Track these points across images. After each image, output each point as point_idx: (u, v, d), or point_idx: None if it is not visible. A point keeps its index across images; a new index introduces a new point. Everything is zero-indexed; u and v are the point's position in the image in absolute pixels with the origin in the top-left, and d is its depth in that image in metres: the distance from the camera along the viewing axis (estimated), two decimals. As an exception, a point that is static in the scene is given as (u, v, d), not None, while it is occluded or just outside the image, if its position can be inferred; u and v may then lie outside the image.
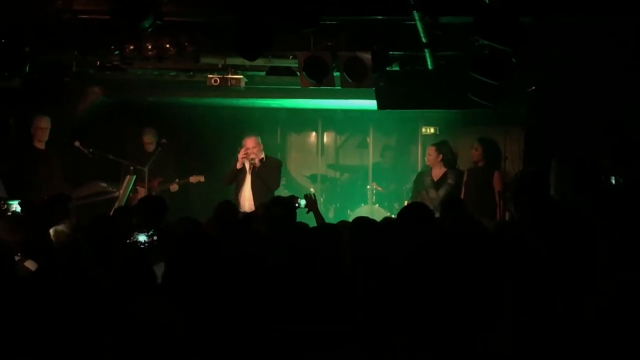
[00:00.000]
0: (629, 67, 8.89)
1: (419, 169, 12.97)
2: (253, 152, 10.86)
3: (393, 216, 12.08)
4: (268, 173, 10.92)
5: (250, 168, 10.90)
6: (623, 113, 9.33)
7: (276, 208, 6.70)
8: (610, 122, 9.18)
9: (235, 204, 10.65)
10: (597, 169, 7.76)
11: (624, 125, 9.08)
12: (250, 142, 10.93)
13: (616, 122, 9.17)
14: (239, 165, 10.93)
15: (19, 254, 5.63)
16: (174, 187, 12.33)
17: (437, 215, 9.56)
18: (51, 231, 5.98)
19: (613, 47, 8.69)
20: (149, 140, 12.51)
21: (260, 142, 11.04)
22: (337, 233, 5.24)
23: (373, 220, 6.11)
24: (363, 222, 6.00)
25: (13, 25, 8.46)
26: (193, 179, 12.41)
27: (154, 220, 7.11)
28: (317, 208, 7.77)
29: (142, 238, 6.55)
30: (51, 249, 5.39)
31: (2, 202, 8.71)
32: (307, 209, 8.02)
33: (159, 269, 4.48)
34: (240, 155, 10.92)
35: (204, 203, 10.77)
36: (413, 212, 6.06)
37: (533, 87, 10.08)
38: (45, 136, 10.86)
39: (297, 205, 7.80)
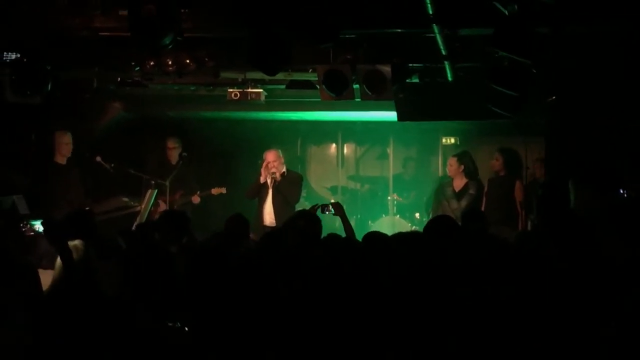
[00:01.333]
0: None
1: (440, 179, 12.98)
2: (274, 166, 10.87)
3: (414, 227, 12.12)
4: (288, 187, 10.94)
5: (272, 182, 10.91)
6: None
7: (301, 221, 6.71)
8: (632, 132, 9.16)
9: (258, 217, 10.72)
10: (616, 181, 7.74)
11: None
12: (271, 156, 10.95)
13: (638, 131, 9.15)
14: (262, 180, 10.94)
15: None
16: (196, 199, 12.35)
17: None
18: None
19: (631, 55, 8.68)
20: (173, 146, 12.50)
21: (281, 155, 11.06)
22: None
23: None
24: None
25: (34, 43, 8.54)
26: (215, 191, 12.42)
27: (177, 235, 7.14)
28: (345, 214, 7.77)
29: (37, 226, 6.53)
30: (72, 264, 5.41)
31: (25, 222, 8.81)
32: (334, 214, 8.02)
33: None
34: (263, 169, 10.94)
35: (225, 215, 10.74)
36: (439, 226, 6.04)
37: (553, 97, 10.06)
38: (67, 151, 10.94)
39: (329, 210, 7.82)
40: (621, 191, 7.44)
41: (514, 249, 5.71)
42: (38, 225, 7.27)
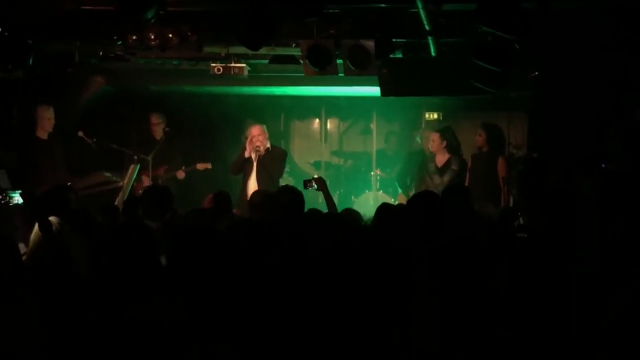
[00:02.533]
0: (633, 52, 8.89)
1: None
2: (259, 140, 10.84)
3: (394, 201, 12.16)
4: (272, 162, 10.92)
5: (256, 157, 10.89)
6: (628, 98, 9.34)
7: (285, 196, 6.70)
8: (615, 106, 9.19)
9: (242, 193, 10.72)
10: (598, 156, 7.78)
11: (632, 111, 9.10)
12: (255, 130, 10.91)
13: (621, 106, 9.19)
14: (247, 154, 10.92)
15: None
16: (181, 175, 12.32)
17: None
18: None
19: (617, 32, 8.70)
20: (157, 121, 12.43)
21: (266, 130, 11.04)
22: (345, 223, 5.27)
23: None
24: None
25: (15, 17, 8.48)
26: (200, 166, 12.40)
27: (160, 211, 7.13)
28: (327, 189, 7.77)
29: (15, 198, 6.48)
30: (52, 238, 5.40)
31: (4, 194, 8.77)
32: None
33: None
34: (248, 143, 10.92)
35: (210, 191, 10.73)
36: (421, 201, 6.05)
37: (536, 73, 10.09)
38: (49, 126, 10.86)
39: (312, 186, 7.82)
40: (603, 165, 7.48)
41: (496, 225, 5.76)
42: (17, 198, 7.23)
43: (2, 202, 8.78)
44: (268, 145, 11.00)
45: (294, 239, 5.19)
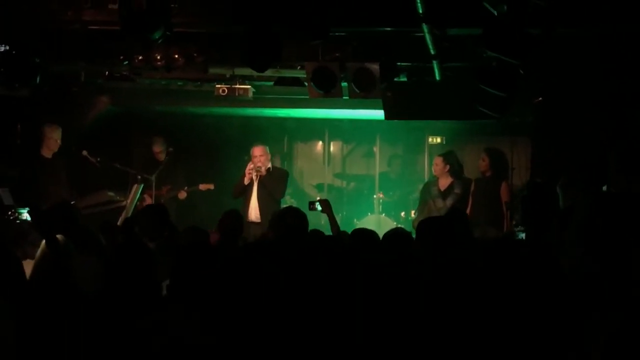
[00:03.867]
0: (636, 77, 8.93)
1: (426, 178, 13.04)
2: (260, 161, 10.86)
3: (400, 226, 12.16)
4: (273, 182, 10.92)
5: (257, 177, 10.90)
6: (629, 122, 9.37)
7: (289, 217, 6.70)
8: (617, 131, 9.22)
9: (243, 213, 10.71)
10: (601, 179, 7.81)
11: (631, 134, 9.12)
12: (257, 151, 10.93)
13: (622, 131, 9.21)
14: (246, 181, 10.91)
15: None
16: (182, 195, 12.36)
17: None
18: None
19: (619, 57, 8.74)
20: (159, 149, 12.54)
21: (268, 151, 11.06)
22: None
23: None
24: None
25: (24, 36, 8.53)
26: (203, 187, 12.45)
27: (156, 228, 7.15)
28: (332, 212, 7.79)
29: (24, 214, 6.47)
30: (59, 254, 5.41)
31: (13, 210, 8.80)
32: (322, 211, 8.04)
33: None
34: (248, 170, 10.92)
35: (211, 211, 10.79)
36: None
37: (540, 98, 10.12)
38: (55, 147, 10.88)
39: (315, 208, 7.85)
40: (604, 188, 7.50)
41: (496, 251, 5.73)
42: (25, 214, 7.25)
43: (11, 217, 8.81)
44: (269, 165, 11.01)
45: (298, 259, 5.19)
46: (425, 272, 4.34)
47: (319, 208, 7.88)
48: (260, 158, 10.89)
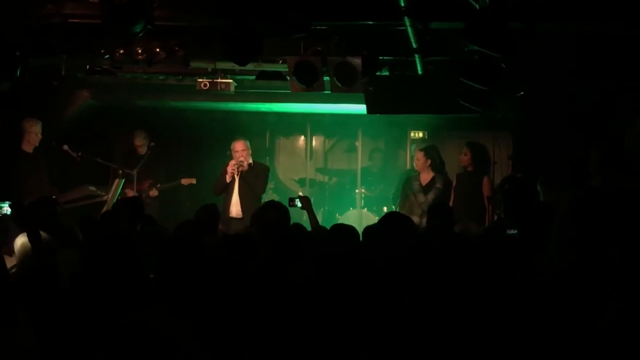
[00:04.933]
0: (617, 73, 8.95)
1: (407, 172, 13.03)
2: (242, 155, 10.82)
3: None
4: (254, 178, 10.88)
5: (238, 172, 10.86)
6: (611, 118, 9.40)
7: (271, 212, 6.69)
8: (599, 127, 9.24)
9: (224, 209, 10.67)
10: (583, 175, 7.81)
11: (613, 130, 9.14)
12: (239, 146, 10.89)
13: (604, 127, 9.24)
14: (228, 179, 10.88)
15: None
16: (154, 193, 12.29)
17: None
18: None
19: (601, 53, 8.76)
20: (140, 143, 12.49)
21: (249, 146, 11.02)
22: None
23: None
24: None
25: (4, 29, 8.45)
26: (185, 181, 12.40)
27: (129, 221, 7.12)
28: (311, 208, 7.79)
29: (4, 208, 6.43)
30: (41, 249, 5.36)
31: (-7, 204, 8.71)
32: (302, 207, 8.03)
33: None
34: (230, 167, 10.88)
35: (193, 206, 10.72)
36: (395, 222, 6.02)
37: (522, 93, 10.13)
38: (36, 141, 10.80)
39: (295, 204, 7.84)
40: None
41: (477, 245, 5.74)
42: (6, 208, 7.16)
43: None
44: (250, 160, 10.98)
45: (279, 254, 5.19)
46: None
47: (299, 204, 7.87)
48: (242, 153, 10.85)
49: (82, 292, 4.39)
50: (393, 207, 12.55)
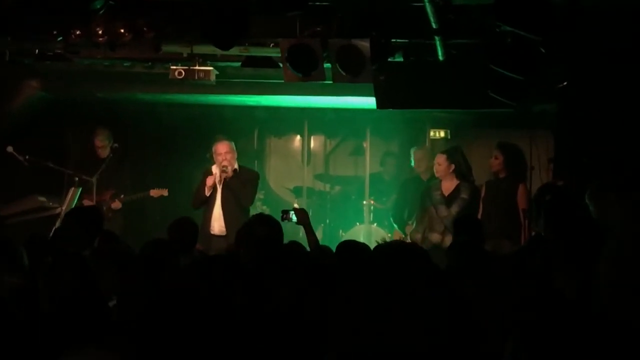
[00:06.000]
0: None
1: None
2: (226, 159, 10.80)
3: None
4: (240, 186, 10.86)
5: (221, 181, 10.83)
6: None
7: (260, 228, 6.65)
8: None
9: (204, 224, 10.65)
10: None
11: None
12: (222, 147, 10.88)
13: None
14: (207, 192, 10.87)
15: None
16: (117, 205, 12.27)
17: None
18: None
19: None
20: (101, 145, 12.48)
21: (234, 148, 11.01)
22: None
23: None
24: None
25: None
26: (154, 193, 12.36)
27: (85, 237, 7.11)
28: (309, 223, 7.76)
29: None
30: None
31: None
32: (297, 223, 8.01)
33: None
34: (209, 182, 10.86)
35: (165, 221, 10.70)
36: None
37: (564, 83, 10.12)
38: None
39: (289, 218, 7.81)
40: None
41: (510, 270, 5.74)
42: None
43: None
44: (236, 165, 10.96)
45: (270, 279, 5.17)
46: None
47: (294, 219, 7.85)
48: (225, 156, 10.85)
49: (25, 327, 4.38)
50: (391, 220, 12.57)
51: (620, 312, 3.93)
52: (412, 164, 12.47)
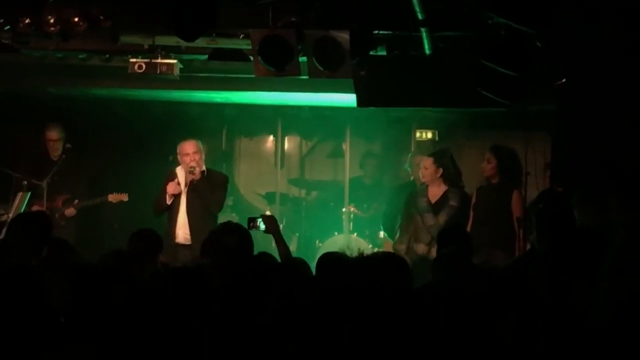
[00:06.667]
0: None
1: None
2: (193, 160, 10.76)
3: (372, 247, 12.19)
4: (208, 191, 10.85)
5: (187, 183, 10.83)
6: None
7: (228, 237, 6.67)
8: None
9: (168, 233, 10.66)
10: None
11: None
12: (188, 147, 10.83)
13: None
14: (168, 200, 10.88)
15: None
16: (71, 212, 12.25)
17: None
18: None
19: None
20: (55, 137, 12.43)
21: (202, 148, 10.99)
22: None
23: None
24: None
25: None
26: (113, 198, 12.31)
27: (31, 246, 7.12)
28: (279, 231, 7.78)
29: None
30: None
31: None
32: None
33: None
34: (170, 189, 10.89)
35: (125, 229, 10.71)
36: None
37: (563, 80, 10.18)
38: None
39: (257, 227, 7.81)
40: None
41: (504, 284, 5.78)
42: None
43: None
44: (204, 167, 10.96)
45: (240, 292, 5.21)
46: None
47: (262, 227, 7.86)
48: (193, 156, 10.82)
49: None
50: (382, 232, 12.60)
51: (625, 328, 3.99)
52: (408, 168, 12.48)
